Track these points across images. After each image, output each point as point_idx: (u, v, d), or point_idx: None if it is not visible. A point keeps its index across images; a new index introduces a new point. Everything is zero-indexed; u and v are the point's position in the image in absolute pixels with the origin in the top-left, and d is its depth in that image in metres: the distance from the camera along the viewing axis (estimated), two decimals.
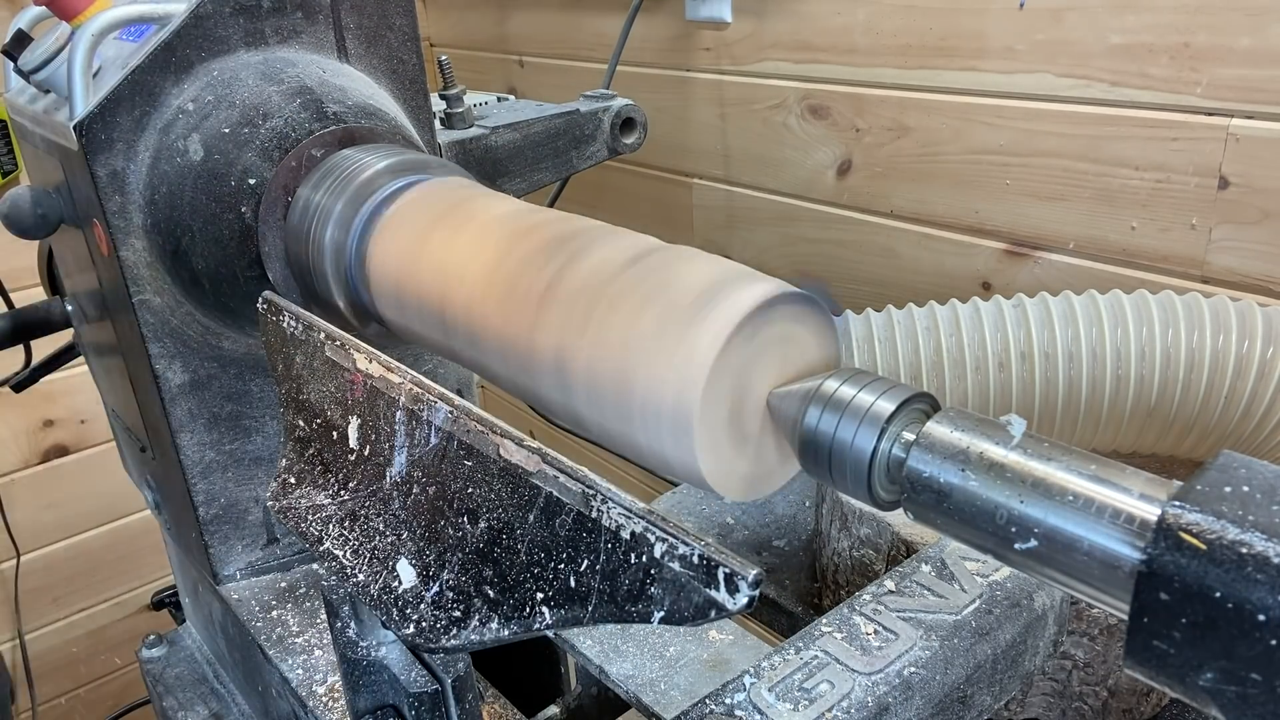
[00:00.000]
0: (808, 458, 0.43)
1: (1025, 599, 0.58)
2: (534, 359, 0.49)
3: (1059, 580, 0.36)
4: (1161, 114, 0.88)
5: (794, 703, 0.51)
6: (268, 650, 0.73)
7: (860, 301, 1.17)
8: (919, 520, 0.41)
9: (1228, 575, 0.30)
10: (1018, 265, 1.03)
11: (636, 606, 0.38)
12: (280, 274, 0.68)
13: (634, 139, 1.06)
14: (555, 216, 0.55)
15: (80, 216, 0.74)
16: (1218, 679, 0.31)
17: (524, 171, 0.98)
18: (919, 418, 0.41)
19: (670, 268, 0.46)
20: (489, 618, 0.43)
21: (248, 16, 0.69)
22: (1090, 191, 0.95)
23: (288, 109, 0.67)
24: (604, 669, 0.72)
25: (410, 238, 0.59)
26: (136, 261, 0.70)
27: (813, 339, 0.45)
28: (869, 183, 1.16)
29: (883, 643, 0.55)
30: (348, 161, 0.65)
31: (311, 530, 0.51)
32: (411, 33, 0.77)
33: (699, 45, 1.32)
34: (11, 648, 1.73)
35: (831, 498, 0.79)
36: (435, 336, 0.57)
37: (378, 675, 0.52)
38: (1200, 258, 0.89)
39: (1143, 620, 0.32)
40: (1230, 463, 0.33)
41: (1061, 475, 0.36)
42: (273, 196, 0.67)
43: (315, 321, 0.57)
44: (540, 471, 0.42)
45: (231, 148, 0.67)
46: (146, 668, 0.96)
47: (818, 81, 1.18)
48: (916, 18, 1.04)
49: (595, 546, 0.40)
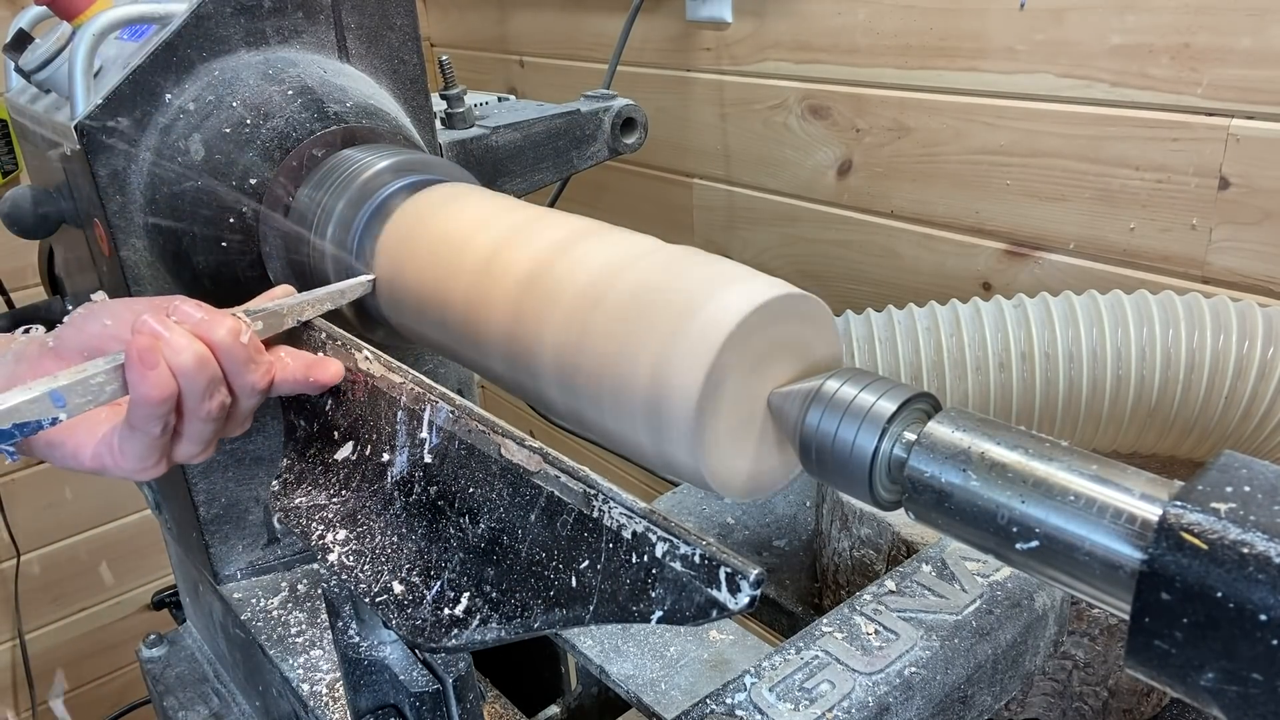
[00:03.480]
0: (809, 458, 0.43)
1: (1026, 599, 0.58)
2: (535, 358, 0.49)
3: (1060, 580, 0.36)
4: (1162, 114, 0.88)
5: (794, 703, 0.51)
6: (268, 650, 0.73)
7: (860, 301, 1.17)
8: (920, 520, 0.41)
9: (1229, 575, 0.30)
10: (1018, 265, 1.03)
11: (638, 606, 0.38)
12: (281, 274, 0.68)
13: (634, 139, 1.06)
14: (556, 217, 0.55)
15: (81, 216, 0.74)
16: (1219, 679, 0.31)
17: (524, 171, 0.98)
18: (920, 418, 0.41)
19: (671, 268, 0.46)
20: (490, 618, 0.43)
21: (248, 16, 0.69)
22: (1091, 192, 0.95)
23: (289, 109, 0.67)
24: (604, 669, 0.72)
25: (411, 238, 0.59)
26: (137, 261, 0.70)
27: (814, 339, 0.45)
28: (869, 183, 1.16)
29: (883, 643, 0.55)
30: (349, 162, 0.65)
31: (312, 530, 0.51)
32: (412, 32, 0.77)
33: (699, 45, 1.32)
34: (11, 648, 1.73)
35: (832, 498, 0.79)
36: (436, 336, 0.57)
37: (379, 675, 0.52)
38: (1200, 258, 0.89)
39: (1144, 620, 0.32)
40: (1231, 463, 0.33)
41: (1063, 475, 0.36)
42: (273, 196, 0.67)
43: (316, 321, 0.57)
44: (542, 471, 0.42)
45: (232, 148, 0.67)
46: (146, 668, 0.96)
47: (818, 82, 1.18)
48: (917, 18, 1.04)
49: (597, 546, 0.40)
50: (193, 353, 0.48)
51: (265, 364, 0.52)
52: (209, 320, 0.50)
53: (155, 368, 0.47)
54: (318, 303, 0.57)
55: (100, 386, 0.47)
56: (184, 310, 0.50)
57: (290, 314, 0.56)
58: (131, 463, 0.49)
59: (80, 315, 0.54)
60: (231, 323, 0.50)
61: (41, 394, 0.45)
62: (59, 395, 0.45)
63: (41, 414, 0.45)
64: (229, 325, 0.50)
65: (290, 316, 0.56)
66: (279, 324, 0.55)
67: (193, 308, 0.50)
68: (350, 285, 0.60)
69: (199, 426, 0.50)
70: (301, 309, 0.57)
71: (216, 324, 0.50)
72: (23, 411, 0.45)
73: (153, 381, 0.47)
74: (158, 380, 0.47)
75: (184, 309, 0.50)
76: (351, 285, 0.60)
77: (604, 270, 0.47)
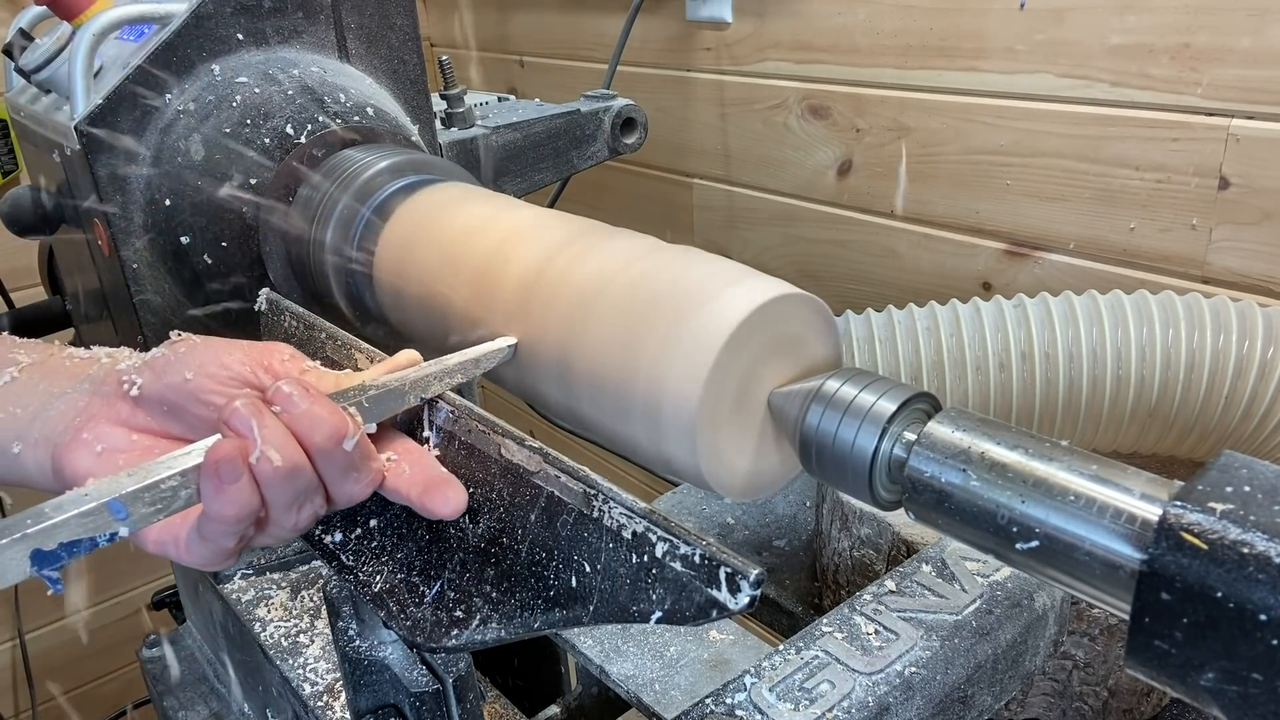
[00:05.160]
0: (809, 458, 0.43)
1: (1026, 599, 0.58)
2: (536, 358, 0.49)
3: (1060, 580, 0.36)
4: (1162, 114, 0.88)
5: (795, 703, 0.51)
6: (268, 650, 0.73)
7: (860, 301, 1.17)
8: (920, 520, 0.41)
9: (1229, 575, 0.30)
10: (1018, 265, 1.03)
11: (638, 606, 0.38)
12: (281, 274, 0.68)
13: (635, 139, 1.06)
14: (556, 217, 0.55)
15: (81, 216, 0.74)
16: (1219, 679, 0.31)
17: (524, 171, 0.98)
18: (920, 418, 0.41)
19: (672, 268, 0.46)
20: (490, 618, 0.43)
21: (249, 16, 0.69)
22: (1090, 192, 0.95)
23: (289, 109, 0.67)
24: (604, 669, 0.72)
25: (411, 237, 0.59)
26: (137, 261, 0.70)
27: (814, 339, 0.45)
28: (869, 183, 1.16)
29: (883, 643, 0.55)
30: (349, 162, 0.65)
31: (312, 530, 0.51)
32: (412, 32, 0.77)
33: (699, 45, 1.32)
34: (11, 648, 1.73)
35: (832, 497, 0.79)
36: (436, 335, 0.57)
37: (379, 675, 0.52)
38: (1200, 258, 0.89)
39: (1144, 620, 0.32)
40: (1231, 463, 0.33)
41: (1063, 475, 0.36)
42: (273, 197, 0.67)
43: (316, 321, 0.57)
44: (542, 471, 0.42)
45: (232, 148, 0.67)
46: (146, 668, 0.96)
47: (818, 82, 1.18)
48: (917, 18, 1.04)
49: (597, 546, 0.40)
50: (284, 463, 0.40)
51: (372, 473, 0.44)
52: (311, 415, 0.41)
53: (236, 482, 0.39)
54: (447, 376, 0.48)
55: (172, 493, 0.40)
56: (284, 393, 0.41)
57: (413, 390, 0.47)
58: (199, 561, 0.43)
59: (161, 359, 0.47)
60: (337, 422, 0.41)
61: (99, 505, 0.37)
62: (120, 506, 0.38)
63: (98, 529, 0.38)
64: (333, 426, 0.41)
65: (413, 393, 0.47)
66: (398, 404, 0.46)
67: (295, 388, 0.41)
68: (487, 352, 0.50)
69: (281, 534, 0.43)
70: (426, 384, 0.47)
71: (319, 422, 0.41)
72: (72, 528, 0.37)
73: (231, 498, 0.39)
74: (237, 497, 0.39)
75: (284, 391, 0.41)
76: (488, 352, 0.50)
77: (604, 270, 0.47)
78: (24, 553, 0.36)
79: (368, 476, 0.43)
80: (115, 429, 0.47)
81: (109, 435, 0.46)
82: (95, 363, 0.50)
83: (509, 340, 0.50)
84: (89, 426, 0.46)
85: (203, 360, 0.46)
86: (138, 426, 0.47)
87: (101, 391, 0.47)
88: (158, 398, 0.46)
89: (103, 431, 0.46)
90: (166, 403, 0.46)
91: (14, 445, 0.47)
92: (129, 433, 0.47)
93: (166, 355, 0.47)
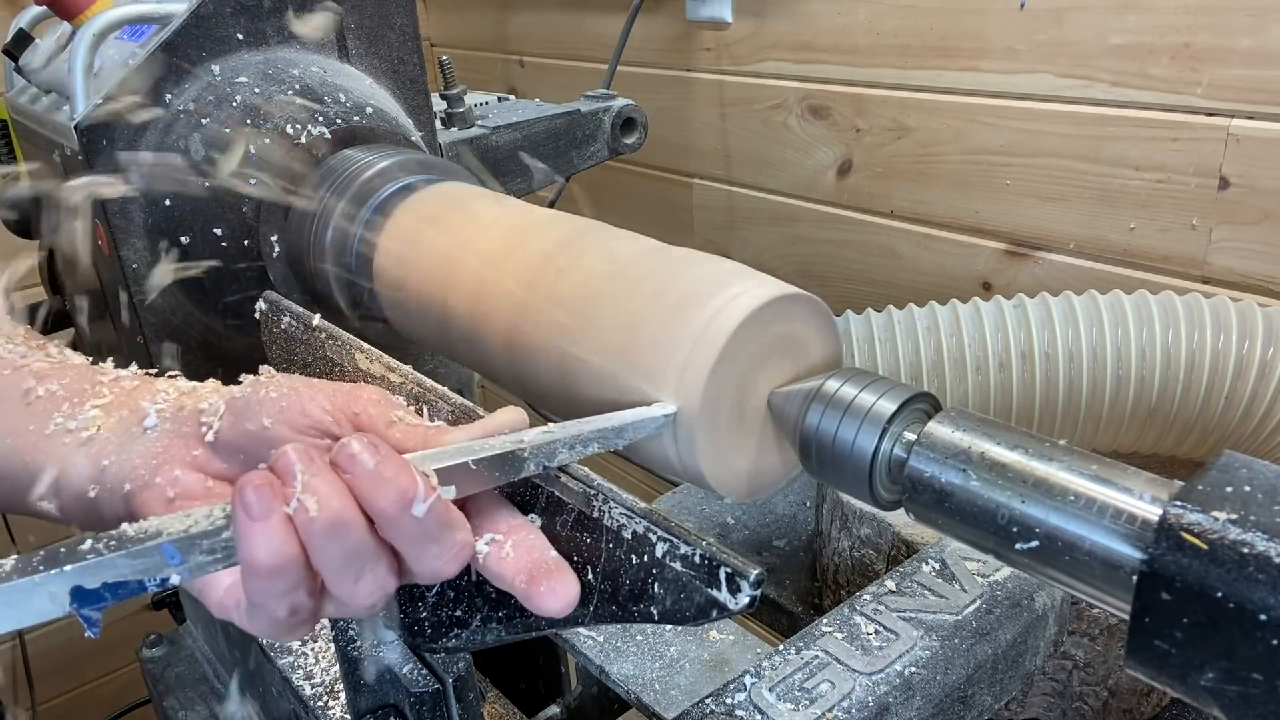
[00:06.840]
0: (809, 458, 0.43)
1: (1026, 599, 0.58)
2: (536, 358, 0.49)
3: (1060, 580, 0.36)
4: (1162, 114, 0.88)
5: (795, 702, 0.51)
6: (268, 650, 0.73)
7: (860, 301, 1.17)
8: (920, 520, 0.41)
9: (1229, 575, 0.30)
10: (1018, 265, 1.03)
11: (638, 606, 0.38)
12: (281, 274, 0.68)
13: (634, 139, 1.06)
14: (557, 217, 0.55)
15: (80, 216, 0.74)
16: (1219, 679, 0.31)
17: (524, 171, 0.98)
18: (920, 418, 0.41)
19: (671, 268, 0.46)
20: (490, 618, 0.43)
21: (248, 16, 0.69)
22: (1090, 192, 0.95)
23: (288, 109, 0.67)
24: (604, 669, 0.72)
25: (411, 237, 0.59)
26: (137, 261, 0.70)
27: (814, 339, 0.45)
28: (869, 183, 1.16)
29: (883, 643, 0.55)
30: (349, 161, 0.65)
31: None
32: (412, 32, 0.77)
33: (699, 45, 1.32)
34: (11, 648, 1.73)
35: (832, 497, 0.79)
36: (436, 335, 0.57)
37: (379, 675, 0.52)
38: (1200, 258, 0.89)
39: (1144, 620, 0.32)
40: (1232, 463, 0.33)
41: (1063, 475, 0.36)
42: (273, 196, 0.67)
43: (316, 321, 0.57)
44: (542, 471, 0.42)
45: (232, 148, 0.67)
46: (147, 668, 0.96)
47: (818, 82, 1.18)
48: (917, 18, 1.04)
49: (596, 546, 0.40)
50: (325, 513, 0.35)
51: (456, 546, 0.38)
52: (375, 475, 0.35)
53: (265, 520, 0.34)
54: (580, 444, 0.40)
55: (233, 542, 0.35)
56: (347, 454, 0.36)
57: (535, 456, 0.39)
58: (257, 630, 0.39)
59: (241, 401, 0.42)
60: (404, 483, 0.35)
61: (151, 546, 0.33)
62: (174, 551, 0.34)
63: (147, 572, 0.33)
64: (399, 489, 0.35)
65: (534, 460, 0.39)
66: (514, 471, 0.39)
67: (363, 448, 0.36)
68: (636, 420, 0.40)
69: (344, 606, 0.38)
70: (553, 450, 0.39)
71: (383, 484, 0.35)
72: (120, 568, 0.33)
73: (260, 540, 0.34)
74: (268, 541, 0.34)
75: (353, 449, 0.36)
76: (638, 420, 0.40)
77: (604, 270, 0.47)
78: (64, 588, 0.32)
79: (450, 550, 0.37)
80: (190, 474, 0.43)
81: (183, 481, 0.42)
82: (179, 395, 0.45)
83: (666, 409, 0.41)
84: (163, 470, 0.42)
85: (284, 405, 0.42)
86: (214, 473, 0.43)
87: (181, 433, 0.43)
88: (234, 445, 0.42)
89: (176, 476, 0.42)
90: (243, 450, 0.42)
91: (90, 489, 0.44)
92: (205, 479, 0.43)
93: (248, 397, 0.42)
